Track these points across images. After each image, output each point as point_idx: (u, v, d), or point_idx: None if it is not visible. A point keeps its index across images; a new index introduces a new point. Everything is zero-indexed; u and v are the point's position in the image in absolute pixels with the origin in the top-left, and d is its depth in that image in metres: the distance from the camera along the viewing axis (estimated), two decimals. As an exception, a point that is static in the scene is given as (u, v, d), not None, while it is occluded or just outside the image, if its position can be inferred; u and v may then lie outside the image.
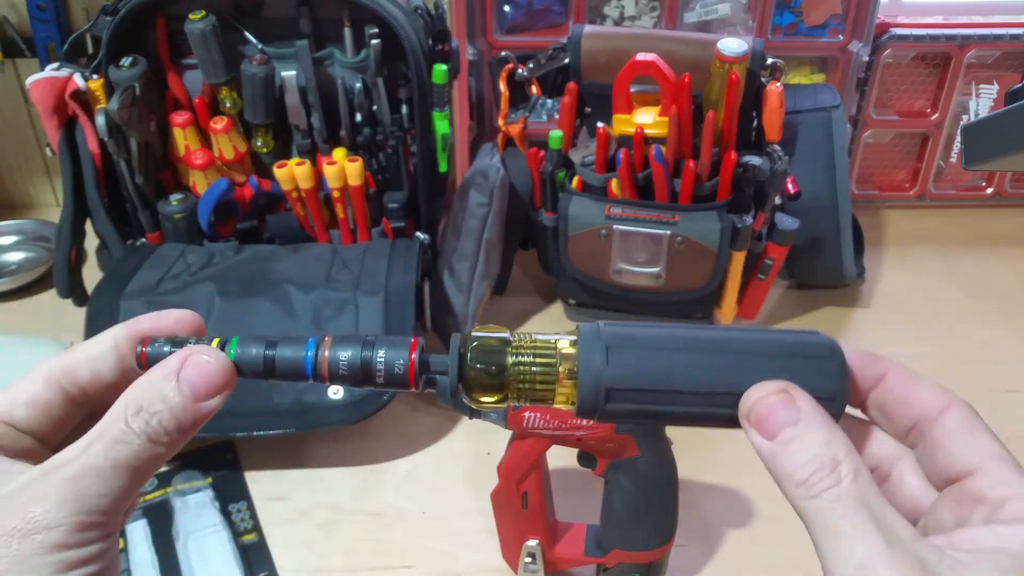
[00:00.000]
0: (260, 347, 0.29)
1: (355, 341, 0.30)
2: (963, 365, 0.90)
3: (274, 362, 0.29)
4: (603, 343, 0.29)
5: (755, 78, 0.82)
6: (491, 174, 0.90)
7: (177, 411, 0.27)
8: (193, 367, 0.28)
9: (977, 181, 1.21)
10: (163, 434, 0.27)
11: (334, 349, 0.29)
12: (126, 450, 0.27)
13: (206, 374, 0.28)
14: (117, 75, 0.79)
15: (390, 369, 0.29)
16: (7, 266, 1.07)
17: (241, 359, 0.29)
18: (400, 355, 0.29)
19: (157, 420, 0.27)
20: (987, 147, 0.59)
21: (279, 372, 0.29)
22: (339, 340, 0.30)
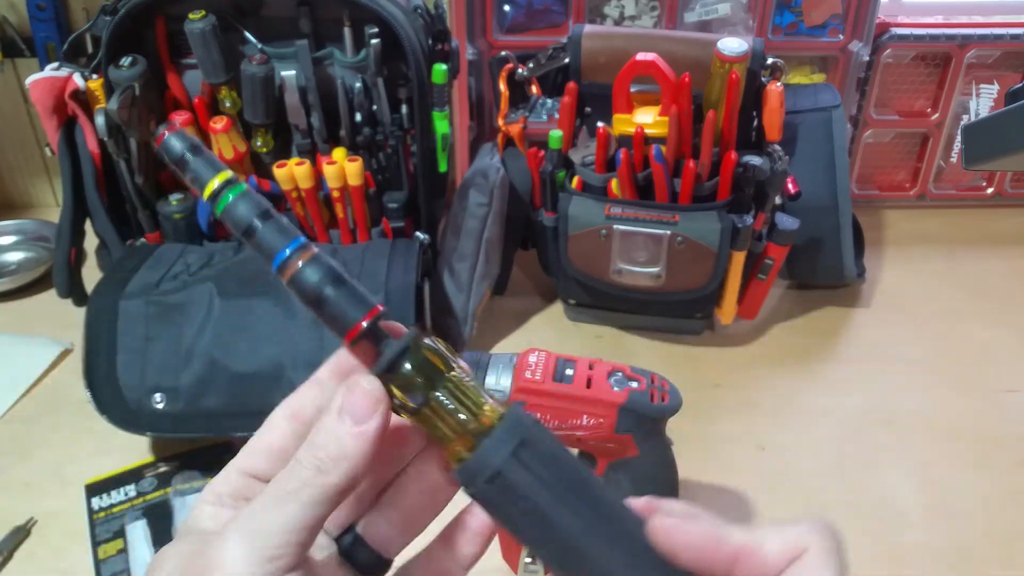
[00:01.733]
0: (252, 213, 0.29)
1: (327, 270, 0.29)
2: (963, 365, 0.90)
3: (254, 235, 0.29)
4: (520, 437, 0.28)
5: (755, 78, 0.82)
6: (491, 174, 0.90)
7: (341, 437, 0.28)
8: (351, 393, 0.29)
9: (977, 181, 1.21)
10: (330, 460, 0.28)
11: (306, 267, 0.29)
12: (296, 482, 0.28)
13: (364, 393, 0.29)
14: (117, 75, 0.79)
15: (338, 317, 0.29)
16: (7, 266, 1.07)
17: (229, 210, 0.29)
18: (353, 313, 0.29)
19: (323, 451, 0.28)
20: (987, 147, 0.59)
21: (254, 244, 0.29)
22: (316, 260, 0.29)
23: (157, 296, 0.77)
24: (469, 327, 0.91)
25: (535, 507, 0.28)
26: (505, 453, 0.28)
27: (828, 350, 0.93)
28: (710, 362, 0.91)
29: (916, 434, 0.81)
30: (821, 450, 0.79)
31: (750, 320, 0.94)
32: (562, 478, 0.28)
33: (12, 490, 0.74)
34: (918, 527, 0.71)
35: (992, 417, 0.83)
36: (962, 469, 0.77)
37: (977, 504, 0.73)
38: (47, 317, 0.96)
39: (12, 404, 0.84)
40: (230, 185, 0.29)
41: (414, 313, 0.79)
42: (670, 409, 0.57)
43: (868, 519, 0.72)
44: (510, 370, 0.57)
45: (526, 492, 0.28)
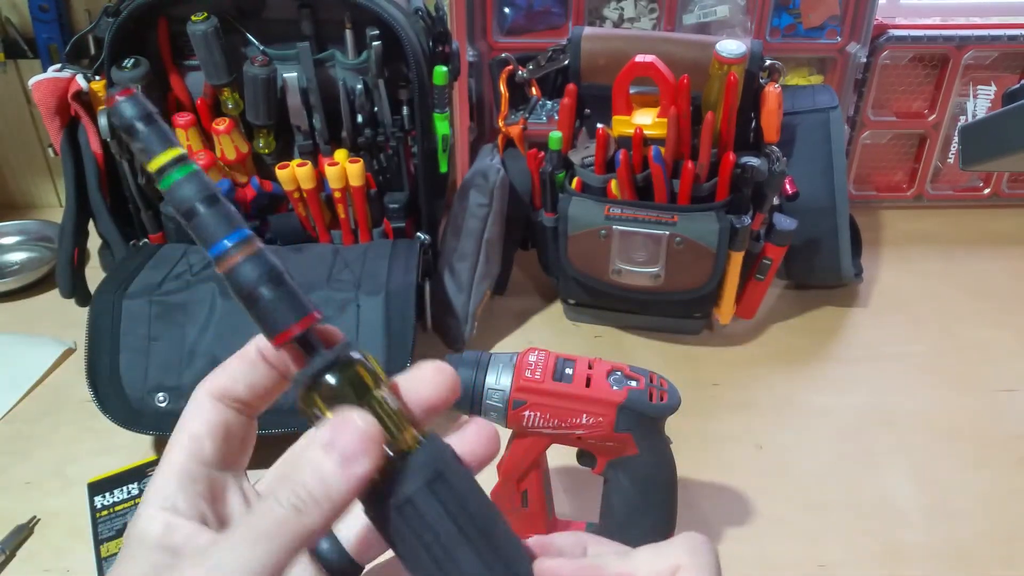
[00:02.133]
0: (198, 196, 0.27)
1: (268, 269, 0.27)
2: (961, 365, 0.91)
3: (194, 218, 0.27)
4: (436, 468, 0.27)
5: (753, 79, 0.82)
6: (491, 175, 0.91)
7: (326, 476, 0.26)
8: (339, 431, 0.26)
9: (975, 182, 1.21)
10: (311, 503, 0.25)
11: (246, 262, 0.27)
12: (269, 522, 0.25)
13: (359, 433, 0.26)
14: (119, 76, 0.79)
15: (270, 319, 0.27)
16: (10, 266, 1.08)
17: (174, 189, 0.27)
18: (286, 318, 0.27)
19: (304, 490, 0.25)
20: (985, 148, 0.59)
21: (193, 228, 0.27)
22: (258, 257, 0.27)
23: (160, 296, 0.78)
24: (469, 327, 0.91)
25: (437, 540, 0.27)
26: (419, 482, 0.27)
27: (826, 350, 0.94)
28: (709, 361, 0.92)
29: (915, 433, 0.82)
30: (820, 449, 0.80)
31: (748, 320, 0.95)
32: (470, 515, 0.27)
33: (14, 489, 0.75)
34: (917, 526, 0.72)
35: (990, 416, 0.84)
36: (961, 468, 0.78)
37: (976, 503, 0.74)
38: (50, 317, 0.97)
39: (15, 403, 0.84)
40: (180, 163, 0.26)
41: (415, 313, 0.79)
42: (669, 408, 0.57)
43: (867, 518, 0.72)
44: (510, 369, 0.57)
45: (432, 524, 0.27)
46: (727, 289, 0.88)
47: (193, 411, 0.30)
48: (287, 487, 0.25)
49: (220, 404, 0.30)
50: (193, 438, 0.29)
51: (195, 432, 0.29)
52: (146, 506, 0.28)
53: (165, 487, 0.28)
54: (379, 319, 0.78)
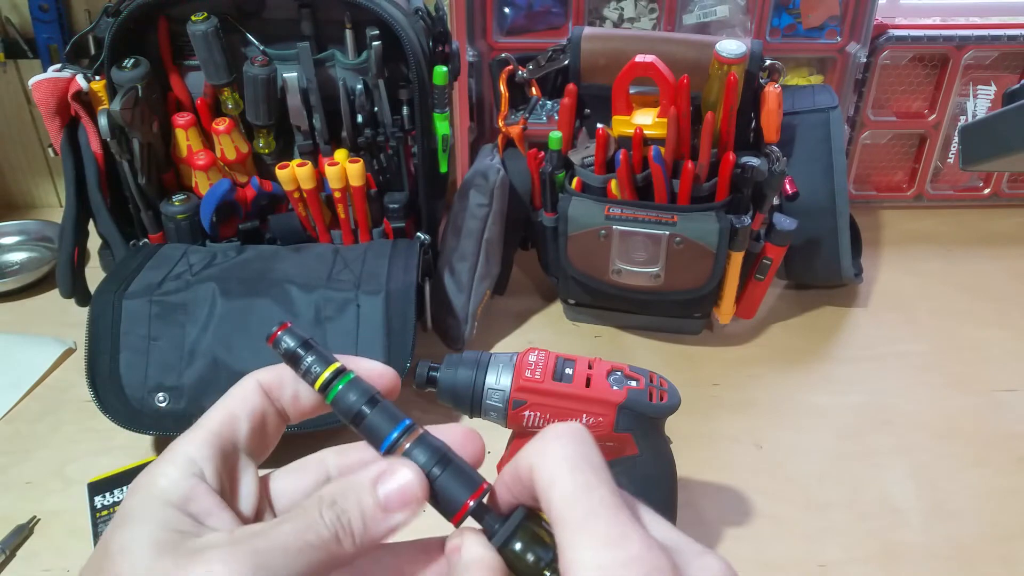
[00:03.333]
0: (361, 400, 0.30)
1: (431, 452, 0.30)
2: (961, 365, 0.91)
3: (362, 420, 0.30)
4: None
5: (753, 79, 0.82)
6: (491, 175, 0.91)
7: (367, 516, 0.28)
8: (392, 479, 0.28)
9: (975, 182, 1.21)
10: (348, 533, 0.28)
11: (411, 450, 0.30)
12: (313, 538, 0.27)
13: (401, 488, 0.28)
14: (119, 76, 0.79)
15: (447, 497, 0.30)
16: (10, 266, 1.08)
17: (339, 397, 0.30)
18: (459, 495, 0.29)
19: (347, 518, 0.28)
20: (985, 148, 0.59)
21: (360, 428, 0.30)
22: (420, 441, 0.30)
23: (160, 296, 0.78)
24: (469, 327, 0.91)
25: None
26: None
27: (826, 350, 0.94)
28: (708, 361, 0.92)
29: (914, 433, 0.82)
30: (819, 449, 0.80)
31: (748, 320, 0.95)
32: None
33: (15, 489, 0.75)
34: (916, 526, 0.72)
35: (990, 416, 0.84)
36: (960, 468, 0.78)
37: (975, 503, 0.74)
38: (50, 317, 0.97)
39: (15, 403, 0.84)
40: (340, 375, 0.31)
41: (415, 313, 0.79)
42: (669, 408, 0.57)
43: (866, 518, 0.72)
44: (510, 369, 0.57)
45: None
46: (727, 289, 0.88)
47: (239, 393, 0.31)
48: (331, 510, 0.28)
49: (265, 397, 0.31)
50: (233, 416, 0.30)
51: (235, 411, 0.30)
52: (166, 465, 0.28)
53: (195, 452, 0.29)
54: (379, 319, 0.78)
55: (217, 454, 0.29)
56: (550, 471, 0.28)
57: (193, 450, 0.29)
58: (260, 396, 0.31)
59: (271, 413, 0.31)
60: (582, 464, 0.28)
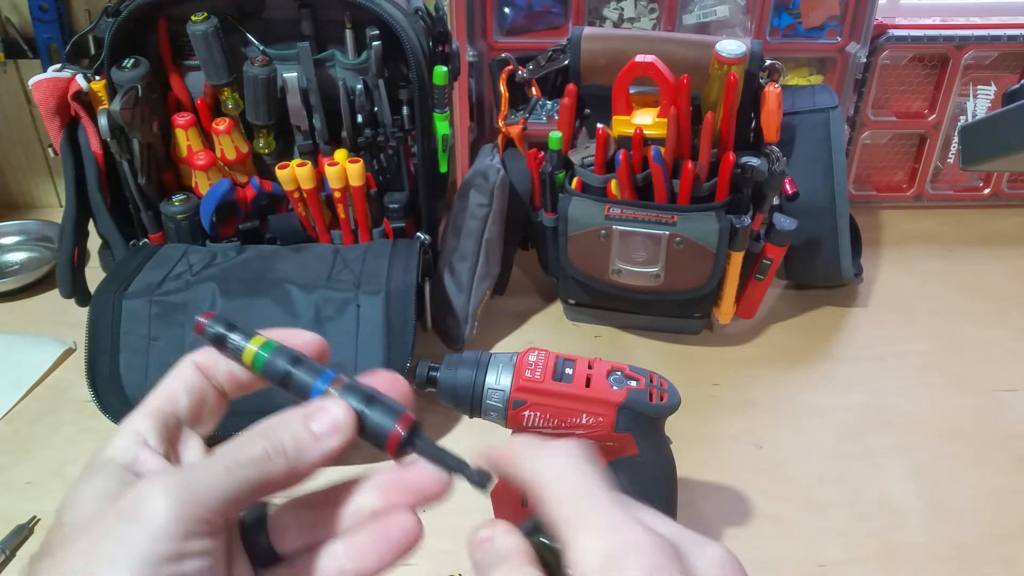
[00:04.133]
0: (286, 361, 0.32)
1: (357, 392, 0.31)
2: (961, 365, 0.91)
3: (290, 378, 0.32)
4: None
5: (753, 79, 0.82)
6: (491, 175, 0.91)
7: (300, 440, 0.30)
8: (321, 413, 0.30)
9: (975, 182, 1.21)
10: (280, 453, 0.29)
11: (340, 395, 0.32)
12: (242, 456, 0.29)
13: (327, 411, 0.30)
14: (119, 76, 0.79)
15: (375, 432, 0.31)
16: (10, 266, 1.08)
17: (267, 364, 0.32)
18: (387, 424, 0.31)
19: (280, 441, 0.29)
20: (985, 148, 0.59)
21: (291, 387, 0.32)
22: (348, 386, 0.32)
23: (160, 296, 0.78)
24: (469, 327, 0.91)
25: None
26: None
27: (826, 350, 0.94)
28: (708, 361, 0.92)
29: (914, 433, 0.82)
30: (819, 449, 0.80)
31: (748, 320, 0.95)
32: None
33: (15, 489, 0.75)
34: (916, 526, 0.72)
35: (990, 416, 0.84)
36: (960, 468, 0.78)
37: (975, 503, 0.74)
38: (50, 317, 0.97)
39: (15, 403, 0.84)
40: (264, 345, 0.33)
41: (415, 313, 0.79)
42: (669, 408, 0.57)
43: (866, 518, 0.72)
44: (510, 369, 0.57)
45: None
46: (727, 289, 0.88)
47: (177, 372, 0.33)
48: (266, 436, 0.29)
49: (201, 375, 0.33)
50: (172, 392, 0.33)
51: (174, 388, 0.33)
52: (117, 437, 0.31)
53: (139, 424, 0.31)
54: (379, 319, 0.78)
55: (160, 426, 0.31)
56: (551, 474, 0.30)
57: (137, 423, 0.31)
58: (197, 374, 0.33)
59: (209, 390, 0.33)
60: (582, 465, 0.30)
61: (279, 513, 0.32)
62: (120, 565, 0.26)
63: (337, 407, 0.31)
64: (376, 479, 0.32)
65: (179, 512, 0.27)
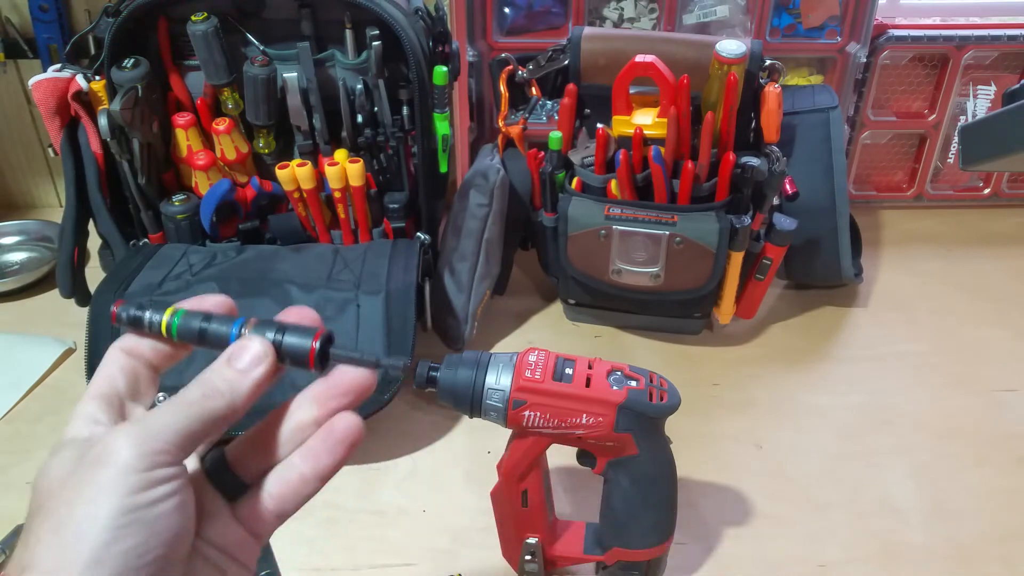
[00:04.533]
0: (198, 320, 0.36)
1: (270, 326, 0.36)
2: (961, 365, 0.91)
3: (206, 333, 0.36)
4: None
5: (753, 79, 0.82)
6: (491, 175, 0.91)
7: (229, 379, 0.34)
8: (241, 351, 0.35)
9: (975, 182, 1.21)
10: (215, 391, 0.34)
11: (253, 332, 0.35)
12: (182, 399, 0.33)
13: (244, 347, 0.35)
14: (119, 76, 0.79)
15: (294, 353, 0.35)
16: (10, 266, 1.08)
17: (180, 328, 0.36)
18: (304, 343, 0.35)
19: (211, 382, 0.34)
20: (985, 148, 0.59)
21: (209, 342, 0.36)
22: (260, 324, 0.36)
23: (160, 296, 0.78)
24: (469, 327, 0.91)
25: None
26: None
27: (826, 350, 0.94)
28: (708, 361, 0.92)
29: (914, 433, 0.82)
30: (819, 449, 0.80)
31: (748, 320, 0.95)
32: None
33: (15, 489, 0.75)
34: (916, 526, 0.72)
35: (990, 416, 0.84)
36: (960, 468, 0.78)
37: (975, 503, 0.74)
38: (50, 317, 0.97)
39: (15, 403, 0.84)
40: (173, 314, 0.36)
41: (415, 313, 0.79)
42: (669, 408, 0.57)
43: (866, 518, 0.72)
44: (510, 369, 0.57)
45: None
46: (727, 289, 0.88)
47: (107, 359, 0.37)
48: (200, 383, 0.34)
49: (129, 357, 0.36)
50: (108, 375, 0.36)
51: (109, 372, 0.36)
52: (72, 423, 0.35)
53: (87, 409, 0.35)
54: (379, 319, 0.78)
55: (105, 405, 0.35)
56: None
57: (87, 408, 0.35)
58: (126, 357, 0.36)
59: (140, 367, 0.37)
60: None
61: (234, 449, 0.37)
62: (100, 502, 0.30)
63: (253, 342, 0.35)
64: (308, 392, 0.37)
65: (140, 449, 0.31)
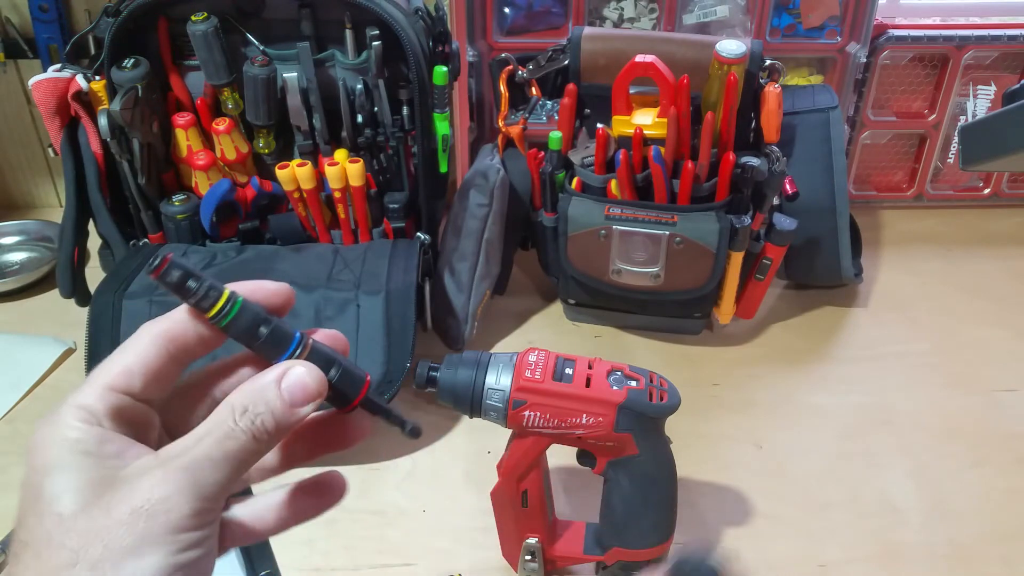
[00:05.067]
0: (257, 319, 0.32)
1: (325, 358, 0.33)
2: (961, 364, 0.91)
3: (259, 338, 0.32)
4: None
5: (753, 79, 0.82)
6: (491, 175, 0.91)
7: (277, 414, 0.31)
8: (294, 378, 0.31)
9: (975, 182, 1.21)
10: (264, 433, 0.31)
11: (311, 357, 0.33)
12: (234, 444, 0.30)
13: (303, 385, 0.32)
14: (119, 76, 0.79)
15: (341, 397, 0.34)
16: (10, 266, 1.08)
17: (235, 320, 0.32)
18: (352, 392, 0.34)
19: (260, 420, 0.31)
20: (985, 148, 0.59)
21: (259, 347, 0.32)
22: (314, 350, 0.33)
23: (160, 296, 0.78)
24: (469, 327, 0.91)
25: None
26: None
27: (826, 350, 0.94)
28: (708, 361, 0.92)
29: (914, 433, 0.82)
30: (819, 449, 0.80)
31: (748, 320, 0.95)
32: None
33: (15, 489, 0.74)
34: (916, 526, 0.72)
35: (990, 416, 0.84)
36: (960, 468, 0.78)
37: (975, 503, 0.74)
38: (50, 317, 0.97)
39: (15, 403, 0.84)
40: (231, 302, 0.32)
41: (415, 313, 0.79)
42: (669, 408, 0.57)
43: (866, 518, 0.72)
44: (510, 369, 0.57)
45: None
46: (727, 289, 0.88)
47: (134, 348, 0.32)
48: (249, 419, 0.31)
49: (161, 348, 0.32)
50: (127, 369, 0.31)
51: (129, 365, 0.31)
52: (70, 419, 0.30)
53: (89, 399, 0.31)
54: (379, 319, 0.78)
55: (113, 405, 0.31)
56: None
57: (86, 399, 0.31)
58: (155, 348, 0.32)
59: (168, 363, 0.32)
60: None
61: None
62: (147, 557, 0.28)
63: (310, 378, 0.32)
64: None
65: (195, 507, 0.29)
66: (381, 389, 0.76)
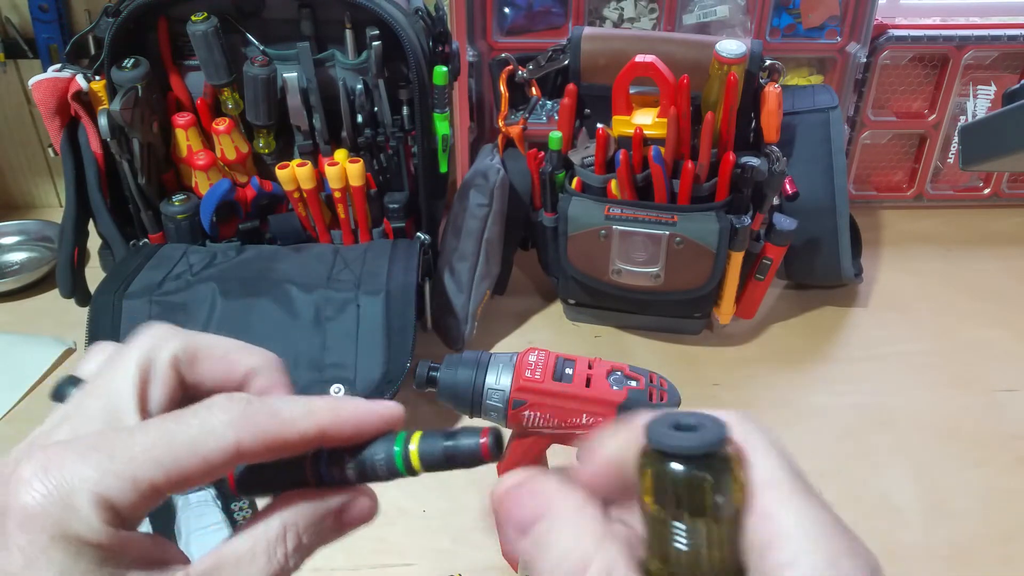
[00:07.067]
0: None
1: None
2: (961, 365, 0.91)
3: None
4: None
5: (753, 79, 0.82)
6: (491, 175, 0.91)
7: (325, 535, 0.29)
8: (355, 507, 0.29)
9: (975, 182, 1.21)
10: (306, 556, 0.28)
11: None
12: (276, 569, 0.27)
13: (361, 514, 0.30)
14: (119, 76, 0.79)
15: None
16: (10, 266, 1.08)
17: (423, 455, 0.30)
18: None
19: (307, 543, 0.28)
20: (985, 148, 0.59)
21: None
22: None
23: (160, 296, 0.78)
24: (469, 327, 0.91)
25: None
26: None
27: (825, 350, 0.94)
28: (708, 361, 0.92)
29: (914, 433, 0.82)
30: (819, 449, 0.80)
31: (748, 320, 0.95)
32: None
33: (16, 488, 0.75)
34: (916, 526, 0.72)
35: (990, 416, 0.84)
36: (960, 468, 0.78)
37: (975, 503, 0.74)
38: (50, 317, 0.97)
39: (15, 403, 0.84)
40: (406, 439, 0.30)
41: (415, 313, 0.79)
42: (668, 408, 0.57)
43: (866, 518, 0.72)
44: (510, 369, 0.57)
45: None
46: (727, 289, 0.88)
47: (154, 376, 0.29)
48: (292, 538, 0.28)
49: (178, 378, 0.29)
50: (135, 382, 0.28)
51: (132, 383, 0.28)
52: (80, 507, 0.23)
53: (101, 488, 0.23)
54: (379, 319, 0.78)
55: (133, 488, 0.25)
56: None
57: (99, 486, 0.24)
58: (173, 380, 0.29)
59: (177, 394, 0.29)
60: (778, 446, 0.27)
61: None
62: None
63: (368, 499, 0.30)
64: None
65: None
66: (381, 389, 0.76)
